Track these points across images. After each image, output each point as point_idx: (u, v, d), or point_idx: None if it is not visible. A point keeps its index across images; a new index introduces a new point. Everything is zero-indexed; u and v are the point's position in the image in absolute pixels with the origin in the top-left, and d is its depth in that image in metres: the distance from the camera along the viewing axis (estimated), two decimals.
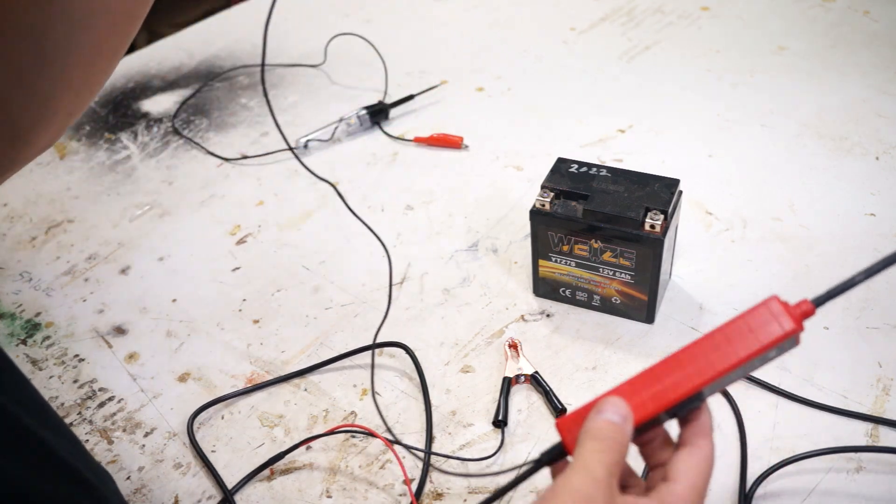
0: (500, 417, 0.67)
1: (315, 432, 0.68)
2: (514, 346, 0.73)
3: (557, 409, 0.68)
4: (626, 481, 0.44)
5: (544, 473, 0.45)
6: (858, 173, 0.90)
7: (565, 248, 0.72)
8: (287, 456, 0.66)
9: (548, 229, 0.72)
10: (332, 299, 0.80)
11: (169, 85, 1.15)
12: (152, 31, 2.22)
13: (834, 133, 0.96)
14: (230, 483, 0.65)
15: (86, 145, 1.05)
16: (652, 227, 0.68)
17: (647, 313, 0.74)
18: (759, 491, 0.61)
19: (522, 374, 0.71)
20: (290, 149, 0.55)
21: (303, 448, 0.67)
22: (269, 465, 0.65)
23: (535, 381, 0.70)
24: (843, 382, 0.69)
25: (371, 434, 0.67)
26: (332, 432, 0.67)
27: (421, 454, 0.66)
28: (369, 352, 0.74)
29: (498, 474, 0.64)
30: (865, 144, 0.94)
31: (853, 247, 0.81)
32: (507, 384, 0.70)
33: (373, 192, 0.93)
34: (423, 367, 0.72)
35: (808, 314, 0.40)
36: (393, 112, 1.04)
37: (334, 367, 0.74)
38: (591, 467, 0.40)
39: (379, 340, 0.75)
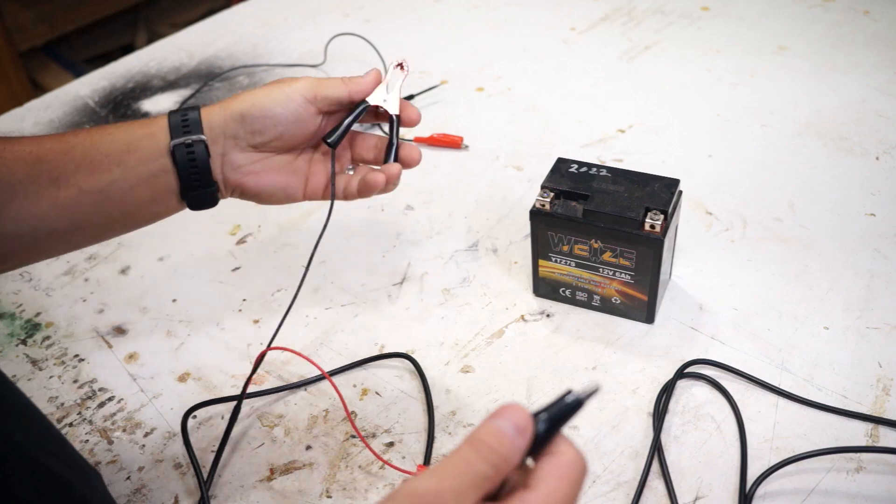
0: (331, 139, 0.65)
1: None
2: (401, 66, 0.68)
3: (389, 158, 0.66)
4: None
5: None
6: (858, 173, 0.90)
7: (565, 248, 0.73)
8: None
9: (548, 229, 0.72)
10: (332, 299, 0.80)
11: (169, 85, 1.15)
12: (152, 31, 2.23)
13: (834, 133, 0.96)
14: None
15: None
16: (652, 227, 0.68)
17: (647, 313, 0.74)
18: (759, 491, 0.61)
19: (383, 109, 0.66)
20: None
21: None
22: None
23: (392, 125, 0.67)
24: (843, 382, 0.69)
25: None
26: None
27: (421, 457, 0.66)
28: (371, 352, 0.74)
29: None
30: (865, 144, 0.94)
31: (853, 247, 0.81)
32: (363, 110, 0.66)
33: None
34: (423, 368, 0.72)
35: None
36: None
37: (334, 365, 0.74)
38: (451, 474, 0.37)
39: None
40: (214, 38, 1.25)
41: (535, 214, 0.72)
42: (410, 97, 1.05)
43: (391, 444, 0.67)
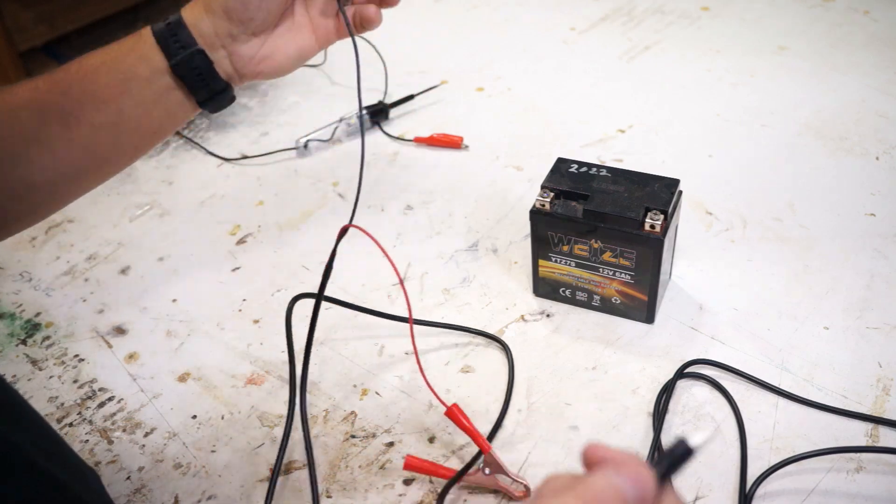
0: None
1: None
2: None
3: None
4: None
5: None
6: (858, 173, 0.90)
7: (565, 248, 0.73)
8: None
9: (548, 229, 0.72)
10: None
11: None
12: None
13: (834, 133, 0.96)
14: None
15: None
16: (652, 227, 0.68)
17: (647, 313, 0.74)
18: (759, 491, 0.61)
19: None
20: None
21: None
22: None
23: None
24: (843, 382, 0.69)
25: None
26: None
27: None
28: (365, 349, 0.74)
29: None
30: (865, 144, 0.94)
31: (853, 247, 0.81)
32: None
33: (373, 192, 0.93)
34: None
35: None
36: (393, 112, 1.04)
37: (334, 367, 0.74)
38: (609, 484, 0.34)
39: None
40: None
41: (535, 214, 0.72)
42: (411, 97, 1.05)
43: (391, 444, 0.67)
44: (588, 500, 0.34)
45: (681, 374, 0.70)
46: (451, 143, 0.99)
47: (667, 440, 0.65)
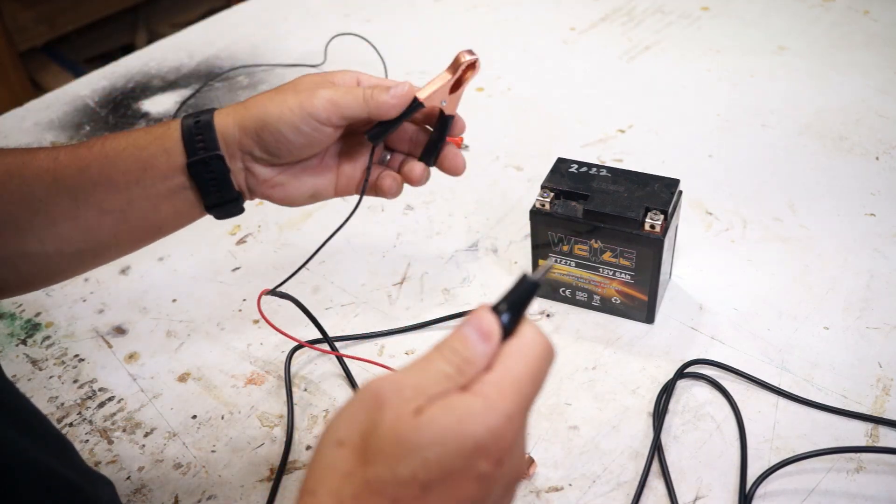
0: (372, 135, 0.60)
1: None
2: (473, 66, 0.61)
3: (430, 159, 0.64)
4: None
5: None
6: (858, 173, 0.90)
7: (565, 248, 0.73)
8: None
9: (548, 229, 0.72)
10: (332, 299, 0.80)
11: (169, 85, 1.15)
12: (152, 31, 2.23)
13: (834, 133, 0.96)
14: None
15: None
16: (652, 227, 0.68)
17: (647, 313, 0.74)
18: (759, 491, 0.61)
19: (441, 107, 0.61)
20: None
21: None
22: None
23: (444, 125, 0.63)
24: (843, 382, 0.69)
25: None
26: None
27: None
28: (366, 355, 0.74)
29: None
30: (865, 144, 0.94)
31: (853, 247, 0.81)
32: (414, 111, 0.61)
33: None
34: None
35: None
36: None
37: (333, 366, 0.74)
38: (412, 371, 0.38)
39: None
40: (214, 38, 1.25)
41: (535, 214, 0.72)
42: None
43: None
44: (439, 345, 0.39)
45: (681, 374, 0.70)
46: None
47: (666, 440, 0.65)
